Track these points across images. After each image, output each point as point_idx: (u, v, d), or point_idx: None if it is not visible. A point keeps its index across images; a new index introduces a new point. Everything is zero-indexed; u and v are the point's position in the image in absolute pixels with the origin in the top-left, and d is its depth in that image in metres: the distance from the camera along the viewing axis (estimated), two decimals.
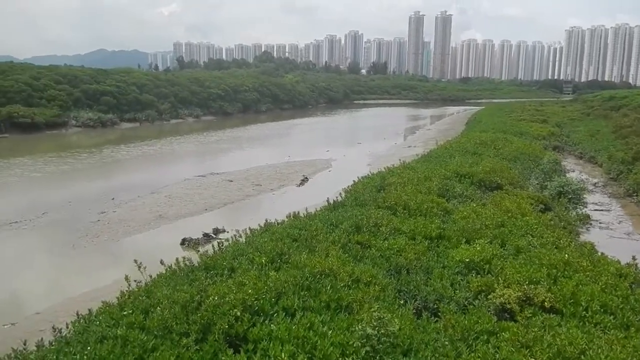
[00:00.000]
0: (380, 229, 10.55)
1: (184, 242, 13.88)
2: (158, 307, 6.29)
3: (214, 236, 14.54)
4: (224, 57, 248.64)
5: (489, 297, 7.69)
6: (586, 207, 15.89)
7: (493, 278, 8.17)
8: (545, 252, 9.25)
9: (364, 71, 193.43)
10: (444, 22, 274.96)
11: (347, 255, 8.92)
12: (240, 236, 10.98)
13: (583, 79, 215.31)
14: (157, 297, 6.63)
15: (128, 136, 40.93)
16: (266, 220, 11.75)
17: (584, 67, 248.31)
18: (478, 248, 9.41)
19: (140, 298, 6.71)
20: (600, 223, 15.61)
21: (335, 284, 7.22)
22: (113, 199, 18.60)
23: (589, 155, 27.27)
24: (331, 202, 13.91)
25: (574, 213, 14.45)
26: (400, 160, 27.61)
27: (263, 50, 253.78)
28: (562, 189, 15.51)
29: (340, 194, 14.91)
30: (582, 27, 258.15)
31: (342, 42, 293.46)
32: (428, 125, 54.46)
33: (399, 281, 8.18)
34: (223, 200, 18.69)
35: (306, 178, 23.24)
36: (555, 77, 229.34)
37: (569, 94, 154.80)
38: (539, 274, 8.15)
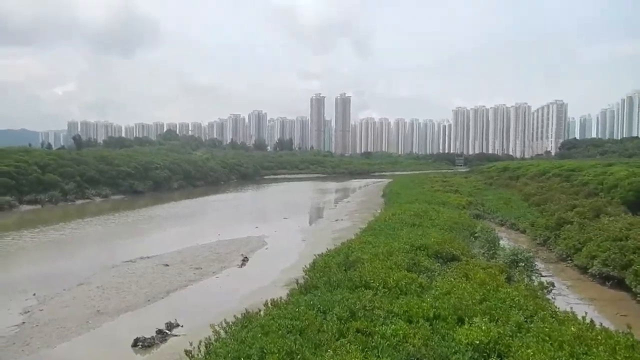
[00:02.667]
0: (375, 312, 9.89)
1: (136, 342, 12.08)
2: None
3: (169, 332, 12.89)
4: (123, 135, 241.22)
5: None
6: (541, 274, 16.29)
7: None
8: (550, 327, 9.05)
9: (269, 148, 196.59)
10: (344, 103, 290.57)
11: (355, 346, 8.14)
12: (218, 332, 9.79)
13: (470, 152, 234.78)
14: None
15: (30, 220, 36.92)
16: (246, 311, 10.60)
17: (470, 142, 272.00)
18: (483, 327, 9.01)
19: None
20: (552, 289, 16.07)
21: None
22: (34, 294, 16.15)
23: (510, 223, 28.71)
24: (298, 283, 13.06)
25: (537, 281, 14.68)
26: (333, 233, 27.45)
27: (165, 129, 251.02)
28: (515, 257, 15.87)
29: (305, 271, 14.05)
30: (466, 107, 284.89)
31: (247, 120, 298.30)
32: (346, 198, 55.25)
33: None
34: (165, 288, 16.95)
35: (246, 258, 22.01)
36: (446, 151, 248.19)
37: (461, 165, 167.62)
38: (560, 353, 7.84)
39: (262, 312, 10.81)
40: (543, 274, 18.08)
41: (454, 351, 8.35)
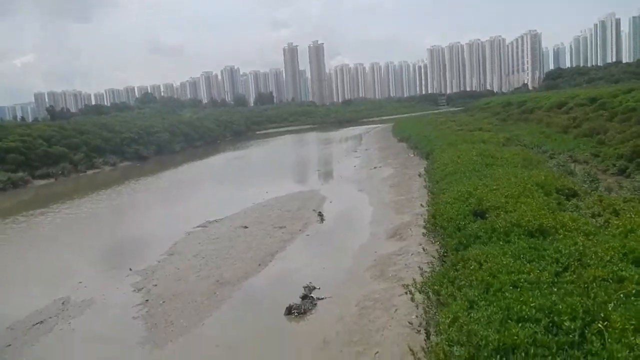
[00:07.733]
0: (601, 256, 8.95)
1: (290, 311, 11.08)
2: None
3: (313, 297, 11.84)
4: (93, 103, 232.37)
5: None
6: None
7: None
8: None
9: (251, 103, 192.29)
10: (317, 51, 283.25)
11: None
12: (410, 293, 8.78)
13: (448, 91, 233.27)
14: None
15: (47, 195, 34.87)
16: (440, 265, 9.57)
17: (447, 81, 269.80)
18: None
19: None
20: None
21: None
22: (131, 269, 14.89)
23: (567, 155, 27.88)
24: (447, 233, 12.02)
25: None
26: (384, 181, 26.42)
27: (137, 92, 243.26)
28: None
29: (428, 221, 12.92)
30: (441, 45, 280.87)
31: (219, 77, 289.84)
32: (360, 146, 53.91)
33: None
34: (267, 251, 15.81)
35: (320, 213, 20.88)
36: (423, 92, 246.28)
37: (444, 104, 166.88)
38: None
39: (457, 268, 9.77)
40: None
41: None
